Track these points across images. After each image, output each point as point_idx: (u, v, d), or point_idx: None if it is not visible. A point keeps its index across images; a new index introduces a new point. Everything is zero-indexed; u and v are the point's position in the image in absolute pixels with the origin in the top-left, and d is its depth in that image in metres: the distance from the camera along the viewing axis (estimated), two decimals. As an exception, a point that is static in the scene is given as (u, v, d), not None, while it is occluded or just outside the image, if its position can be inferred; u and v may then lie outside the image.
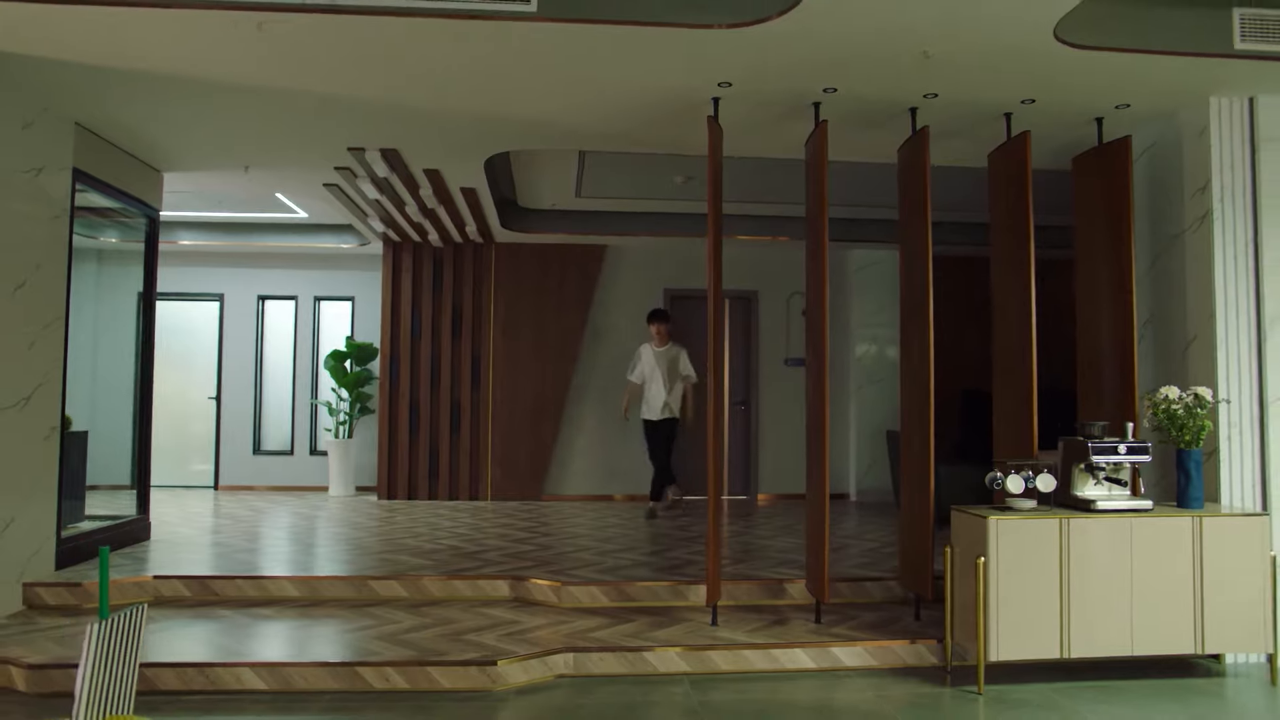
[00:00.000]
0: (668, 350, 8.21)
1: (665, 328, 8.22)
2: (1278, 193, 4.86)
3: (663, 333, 8.20)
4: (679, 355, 8.22)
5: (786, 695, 4.21)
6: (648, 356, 8.23)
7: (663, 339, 8.21)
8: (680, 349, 8.27)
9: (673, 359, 8.20)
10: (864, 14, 3.93)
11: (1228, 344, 4.83)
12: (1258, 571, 4.34)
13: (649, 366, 8.18)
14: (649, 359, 8.21)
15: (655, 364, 8.15)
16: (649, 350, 8.25)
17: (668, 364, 8.15)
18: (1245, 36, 4.29)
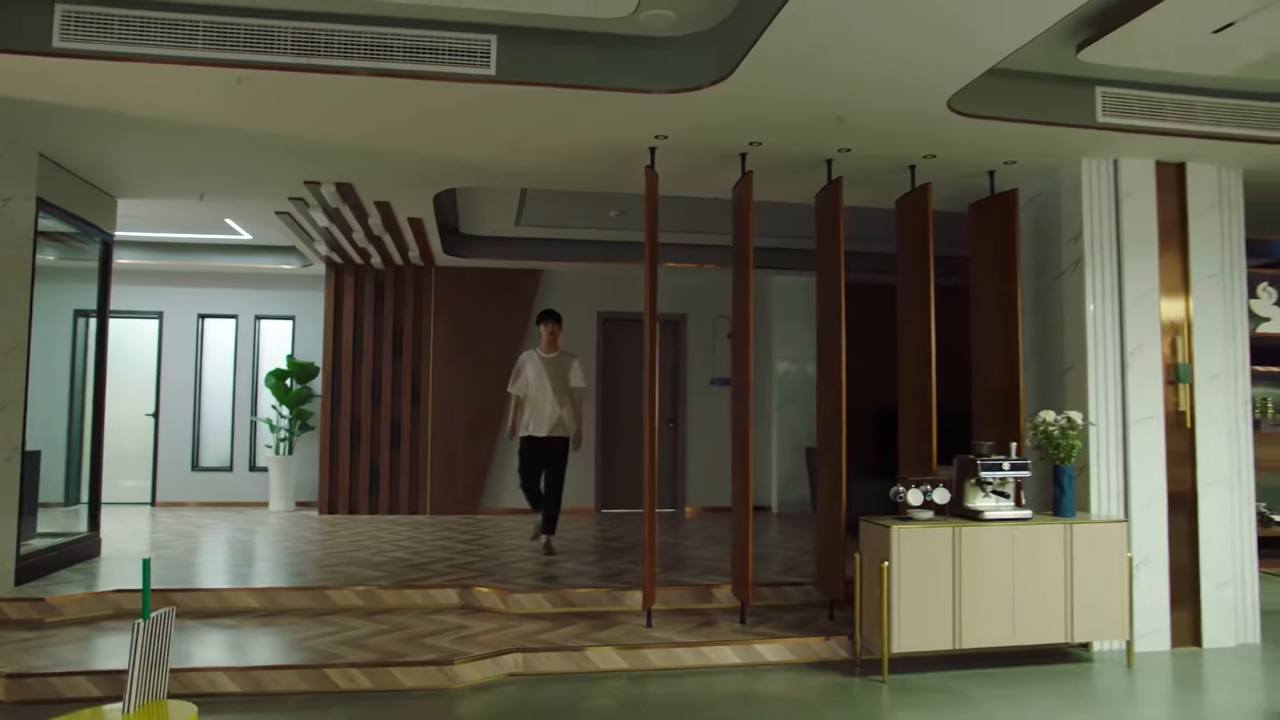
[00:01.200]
0: (558, 358, 7.21)
1: (556, 330, 7.27)
2: (1137, 241, 5.59)
3: (554, 336, 7.24)
4: (570, 363, 7.23)
5: (715, 687, 4.72)
6: (533, 364, 7.17)
7: (552, 344, 7.24)
8: (572, 356, 7.30)
9: (563, 368, 7.18)
10: (785, 88, 4.50)
11: (1097, 372, 5.52)
12: (1118, 570, 5.02)
13: (535, 376, 7.13)
14: (535, 367, 7.15)
15: (543, 373, 7.12)
16: (535, 357, 7.20)
17: (558, 373, 7.15)
18: (1106, 111, 4.98)
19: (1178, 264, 5.68)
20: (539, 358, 7.20)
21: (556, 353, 7.25)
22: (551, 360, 7.20)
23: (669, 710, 4.33)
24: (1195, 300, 5.66)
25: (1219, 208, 5.75)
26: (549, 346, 7.25)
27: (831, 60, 4.21)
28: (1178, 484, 5.55)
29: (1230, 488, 5.62)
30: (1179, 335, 5.62)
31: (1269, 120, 5.20)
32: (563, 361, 7.23)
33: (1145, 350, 5.55)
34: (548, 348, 7.25)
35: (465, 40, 4.39)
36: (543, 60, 4.45)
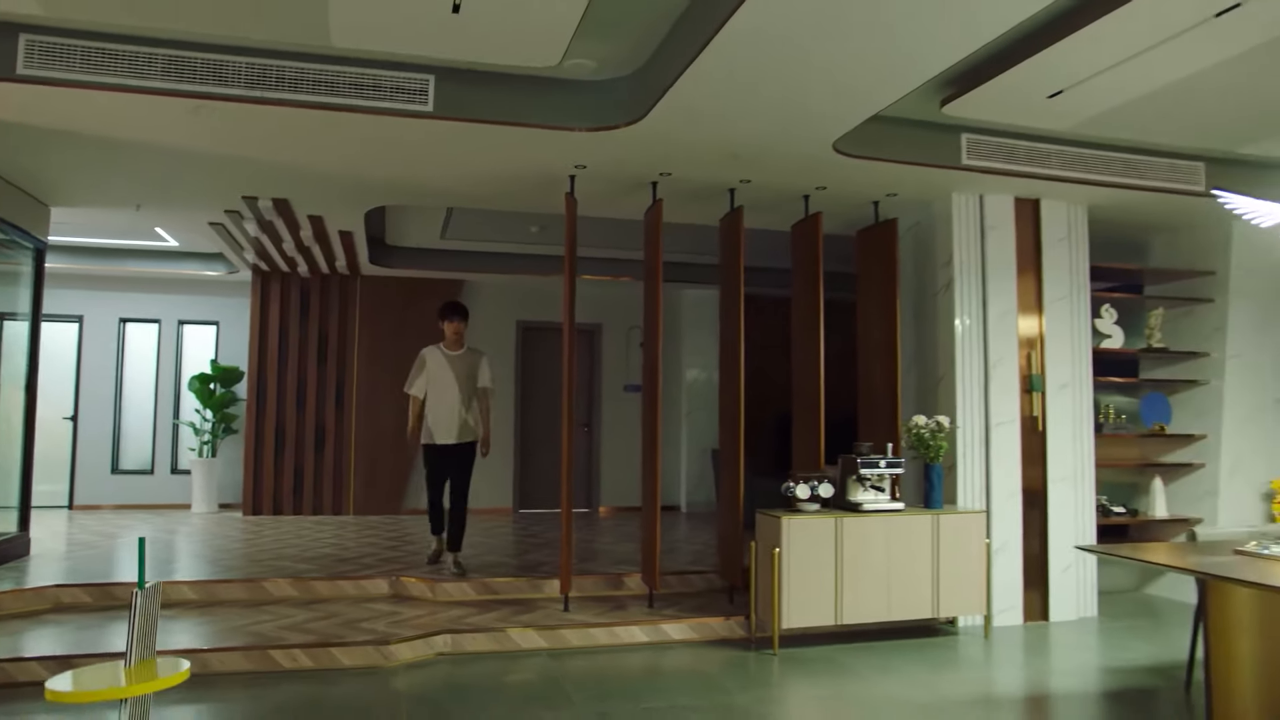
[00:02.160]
0: (464, 355, 6.63)
1: (462, 327, 6.68)
2: (999, 267, 6.37)
3: (459, 333, 6.65)
4: (480, 362, 6.68)
5: (626, 662, 5.28)
6: (437, 363, 6.56)
7: (458, 341, 6.65)
8: (481, 354, 6.74)
9: (471, 366, 6.62)
10: (690, 130, 5.12)
11: (964, 382, 6.28)
12: (979, 555, 5.76)
13: (439, 375, 6.53)
14: (439, 366, 6.55)
15: (449, 371, 6.53)
16: (438, 355, 6.59)
17: (466, 372, 6.58)
18: (970, 155, 5.72)
19: (1033, 287, 6.48)
20: (443, 355, 6.59)
21: (463, 350, 6.66)
22: (459, 358, 6.61)
23: (585, 682, 4.87)
24: (1047, 319, 6.46)
25: (1068, 239, 6.57)
26: (455, 343, 6.64)
27: (731, 109, 4.84)
28: (1031, 480, 6.34)
29: (1075, 484, 6.43)
30: (1033, 349, 6.41)
31: (1105, 167, 6.02)
32: (470, 359, 6.64)
33: (1005, 362, 6.33)
34: (454, 344, 6.64)
35: (406, 79, 4.87)
36: (477, 99, 4.96)
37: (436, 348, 6.68)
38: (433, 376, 6.58)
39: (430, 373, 6.59)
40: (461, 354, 6.67)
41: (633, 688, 4.80)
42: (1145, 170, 6.14)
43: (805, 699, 4.77)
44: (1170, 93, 4.94)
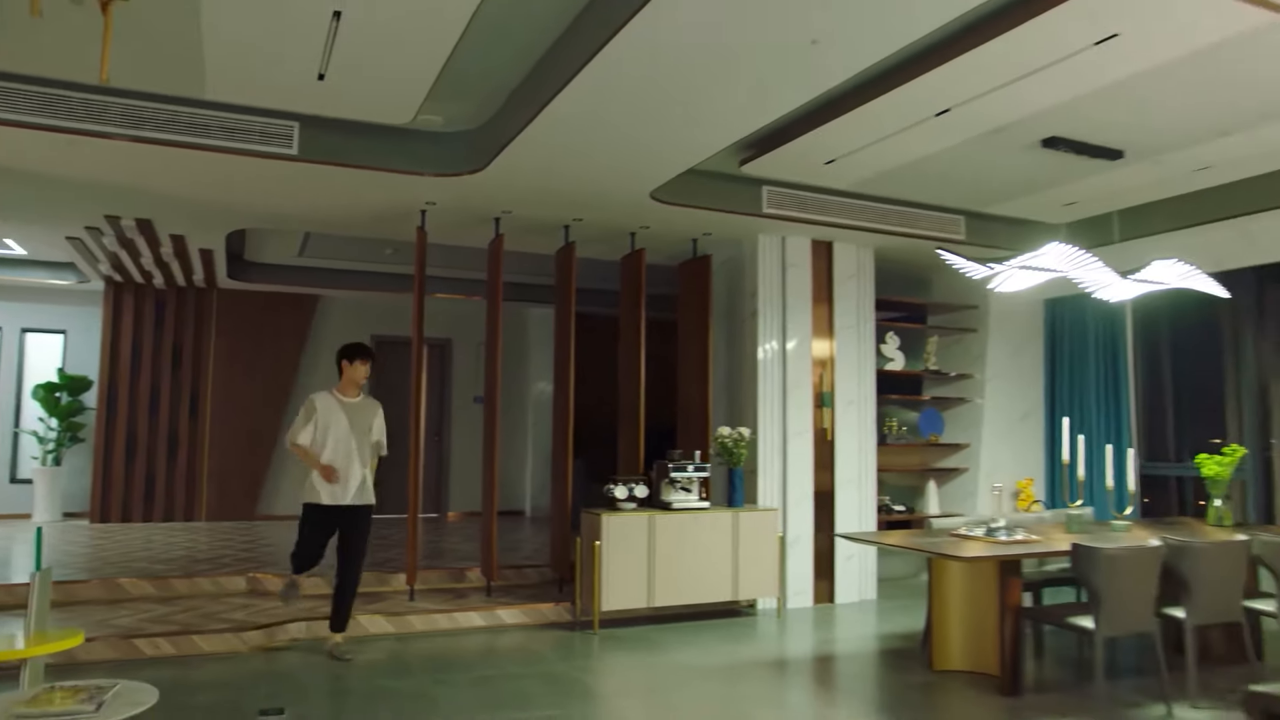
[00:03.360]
0: (362, 404, 5.69)
1: (368, 371, 5.74)
2: (798, 298, 7.41)
3: (363, 379, 5.73)
4: (376, 413, 5.75)
5: (465, 643, 6.00)
6: (331, 411, 5.54)
7: (357, 386, 5.72)
8: (377, 404, 5.80)
9: (368, 417, 5.68)
10: (526, 180, 5.94)
11: (767, 398, 7.28)
12: (773, 547, 6.76)
13: (335, 426, 5.52)
14: (331, 415, 5.53)
15: (344, 422, 5.54)
16: (330, 402, 5.58)
17: (363, 424, 5.63)
18: (770, 205, 6.72)
19: (826, 316, 7.56)
20: (337, 402, 5.59)
21: (359, 398, 5.72)
22: (355, 407, 5.64)
23: (428, 660, 5.55)
24: (838, 344, 7.56)
25: (857, 276, 7.70)
26: (354, 390, 5.70)
27: (559, 166, 5.67)
28: (821, 483, 7.40)
29: (859, 486, 7.55)
30: (825, 370, 7.49)
31: (884, 217, 7.14)
32: (368, 410, 5.70)
33: (801, 382, 7.38)
34: (352, 390, 5.68)
35: (272, 125, 5.46)
36: (338, 145, 5.60)
37: (329, 394, 5.65)
38: (323, 427, 5.51)
39: (320, 422, 5.52)
40: (358, 402, 5.68)
41: (468, 661, 5.54)
42: (917, 221, 7.32)
43: (618, 666, 5.60)
44: (924, 164, 6.05)
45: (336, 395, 5.67)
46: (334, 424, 5.55)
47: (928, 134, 5.33)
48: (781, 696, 5.11)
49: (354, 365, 5.68)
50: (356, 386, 5.73)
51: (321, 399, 5.63)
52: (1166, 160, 5.92)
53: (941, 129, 5.22)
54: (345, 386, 5.69)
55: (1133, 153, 5.80)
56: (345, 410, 5.61)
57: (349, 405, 5.65)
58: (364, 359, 5.71)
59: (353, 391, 5.71)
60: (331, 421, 5.55)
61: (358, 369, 5.69)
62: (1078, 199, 6.92)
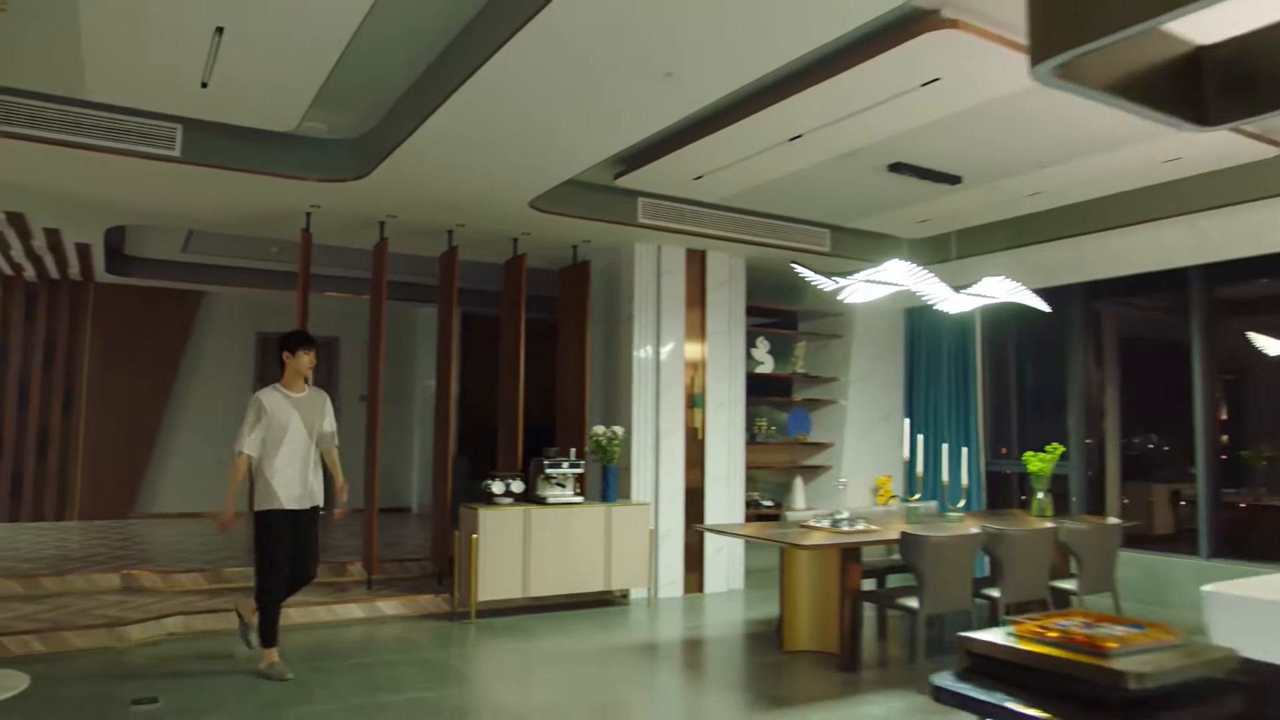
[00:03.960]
0: (310, 398, 5.34)
1: (313, 359, 5.36)
2: (672, 304, 7.81)
3: (310, 368, 5.34)
4: (325, 404, 5.44)
5: (344, 634, 6.19)
6: (278, 409, 5.15)
7: (303, 379, 5.33)
8: (324, 394, 5.51)
9: (317, 410, 5.36)
10: (408, 187, 6.15)
11: (641, 398, 7.66)
12: (644, 539, 7.13)
13: (285, 424, 5.14)
14: (281, 412, 5.15)
15: (295, 418, 5.18)
16: (278, 399, 5.19)
17: (314, 419, 5.31)
18: (645, 215, 7.09)
19: (699, 321, 7.98)
20: (285, 398, 5.21)
21: (306, 391, 5.35)
22: (304, 400, 5.29)
23: (306, 651, 5.72)
24: (709, 348, 7.99)
25: (728, 284, 8.15)
26: (299, 383, 5.31)
27: (441, 174, 5.92)
28: (692, 480, 7.82)
29: (728, 483, 7.99)
30: (697, 373, 7.92)
31: (753, 229, 7.60)
32: (316, 401, 5.37)
33: (673, 383, 7.78)
34: (298, 384, 5.30)
35: (154, 126, 5.53)
36: (222, 149, 5.70)
37: (275, 390, 5.23)
38: (273, 426, 5.12)
39: (270, 422, 5.12)
40: (306, 396, 5.32)
41: (346, 651, 5.74)
42: (785, 233, 7.80)
43: (491, 652, 5.88)
44: (788, 182, 6.49)
45: (283, 391, 5.24)
46: (289, 424, 5.13)
47: (784, 156, 5.77)
48: (646, 677, 5.48)
49: (297, 356, 5.26)
50: (302, 379, 5.31)
51: (269, 397, 5.17)
52: (1001, 186, 6.52)
53: (796, 152, 5.67)
54: (290, 380, 5.27)
55: (970, 178, 6.38)
56: (296, 407, 5.21)
57: (299, 401, 5.24)
58: (306, 348, 5.30)
59: (299, 385, 5.30)
60: (286, 421, 5.13)
61: (301, 360, 5.26)
62: (929, 217, 7.51)
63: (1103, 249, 7.31)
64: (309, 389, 5.37)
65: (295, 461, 5.16)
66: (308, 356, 5.29)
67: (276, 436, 5.11)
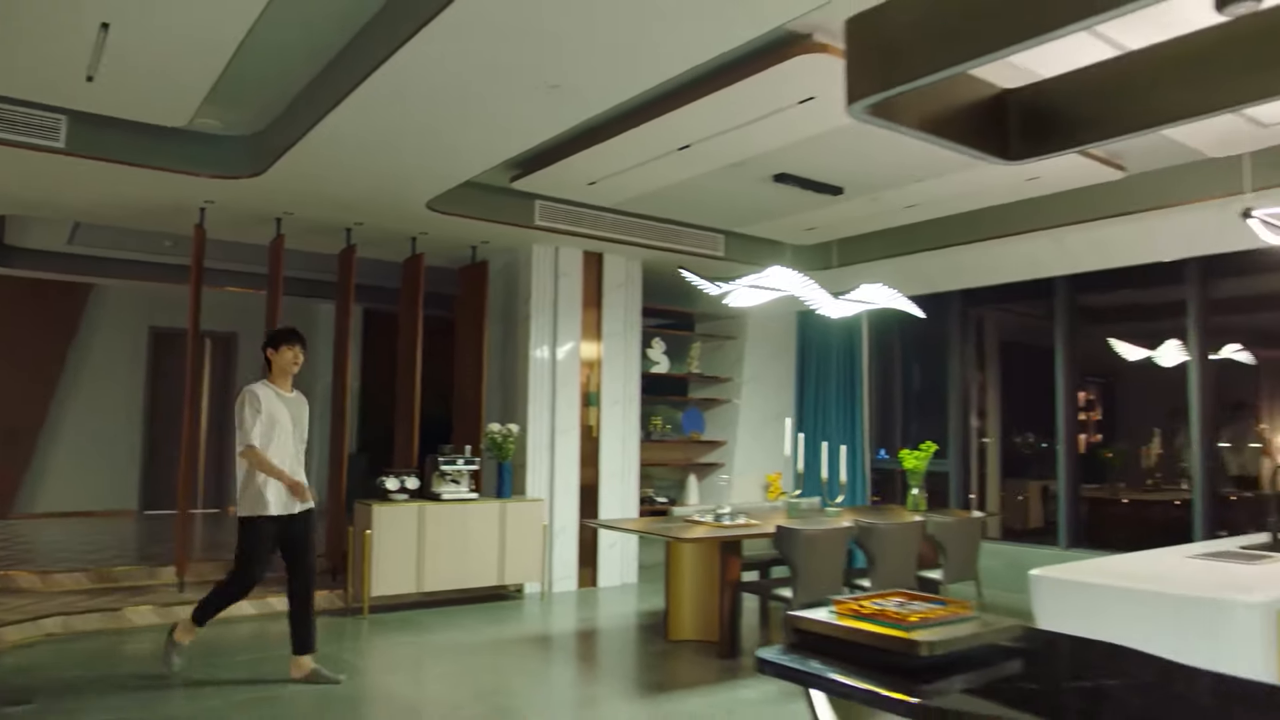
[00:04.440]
0: (296, 399, 5.11)
1: (300, 356, 5.10)
2: (569, 304, 7.98)
3: (296, 365, 5.07)
4: (306, 407, 5.21)
5: (235, 631, 6.18)
6: (273, 405, 4.91)
7: (289, 377, 5.07)
8: (304, 397, 5.23)
9: (303, 412, 5.15)
10: (302, 186, 6.19)
11: (537, 396, 7.81)
12: (538, 535, 7.29)
13: (280, 422, 4.91)
14: (275, 410, 4.91)
15: (286, 418, 4.95)
16: (270, 395, 4.94)
17: (300, 420, 5.09)
18: (542, 218, 7.24)
19: (595, 322, 8.17)
20: (277, 396, 4.97)
21: (294, 392, 5.13)
22: (294, 401, 5.07)
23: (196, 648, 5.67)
24: (605, 348, 8.19)
25: (625, 286, 8.36)
26: (288, 381, 5.07)
27: (336, 174, 5.97)
28: (587, 477, 8.00)
29: (622, 479, 8.21)
30: (593, 372, 8.10)
31: (649, 233, 7.82)
32: (302, 405, 5.16)
33: (569, 382, 7.95)
34: (287, 382, 5.06)
35: (38, 116, 5.45)
36: (110, 141, 5.64)
37: (267, 386, 4.98)
38: (268, 424, 4.87)
39: (269, 417, 4.88)
40: (294, 397, 5.09)
41: (236, 647, 5.75)
42: (680, 238, 8.04)
43: (384, 646, 5.96)
44: (681, 188, 6.71)
45: (274, 388, 4.99)
46: (280, 420, 4.91)
47: (675, 164, 6.00)
48: (536, 667, 5.64)
49: (280, 352, 5.00)
50: (290, 378, 5.08)
51: (263, 391, 4.92)
52: (880, 198, 6.88)
53: (686, 161, 5.91)
54: (278, 376, 5.03)
55: (851, 190, 6.72)
56: (287, 406, 4.99)
57: (290, 400, 5.03)
58: (291, 343, 5.03)
59: (288, 384, 5.06)
60: (279, 419, 4.90)
61: (285, 356, 5.00)
62: (815, 225, 7.85)
63: (977, 259, 7.77)
64: (295, 390, 5.14)
65: (287, 464, 4.91)
66: (291, 352, 5.02)
67: (269, 437, 4.86)
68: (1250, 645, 3.07)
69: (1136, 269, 7.27)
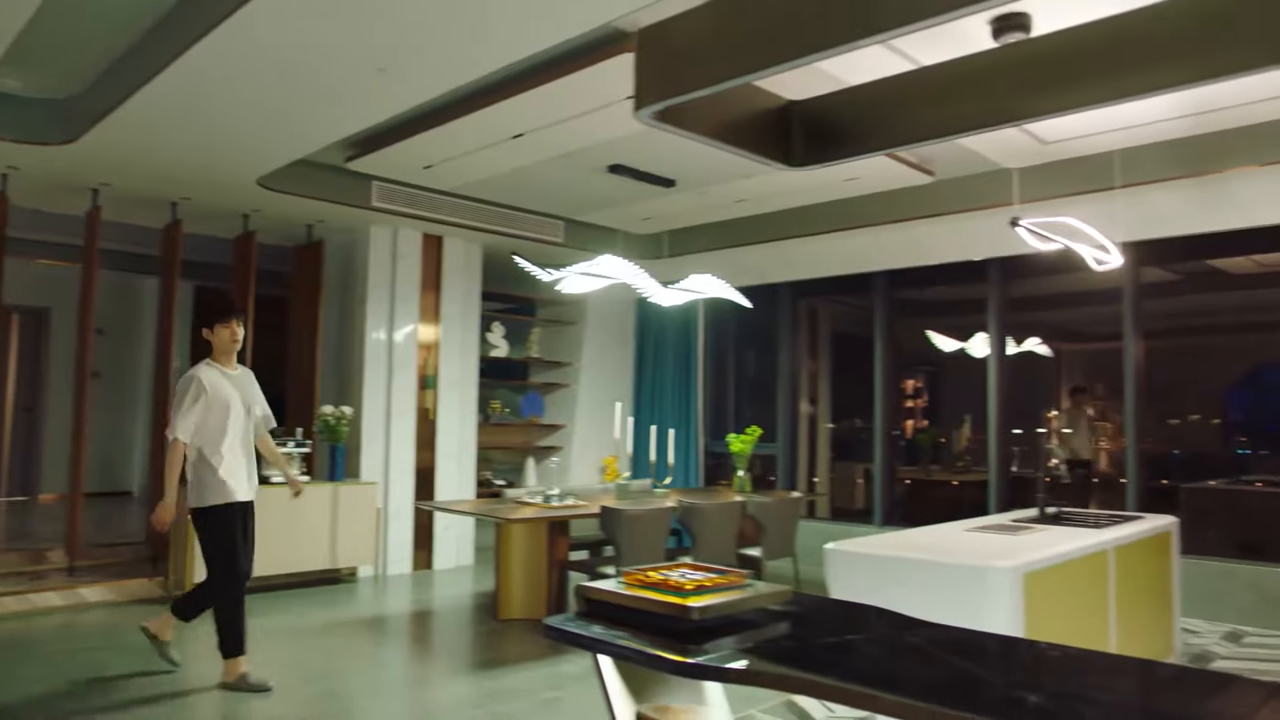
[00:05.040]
0: (242, 376, 4.79)
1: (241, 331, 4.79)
2: (407, 287, 7.93)
3: (237, 341, 4.76)
4: (255, 382, 4.88)
5: (40, 623, 5.90)
6: (220, 388, 4.58)
7: (232, 355, 4.76)
8: (251, 373, 4.91)
9: (252, 389, 4.82)
10: (121, 155, 5.94)
11: (373, 378, 7.74)
12: (372, 518, 7.25)
13: (223, 405, 4.56)
14: (222, 391, 4.58)
15: (235, 398, 4.62)
16: (216, 376, 4.61)
17: (249, 400, 4.75)
18: (379, 199, 7.17)
19: (434, 304, 8.15)
20: (223, 376, 4.64)
21: (239, 369, 4.81)
22: (240, 380, 4.74)
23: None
24: (443, 331, 8.18)
25: (464, 269, 8.37)
26: (232, 358, 4.76)
27: (158, 145, 5.76)
28: (423, 460, 8.00)
29: (459, 462, 8.24)
30: (431, 354, 8.09)
31: (489, 218, 7.86)
32: (249, 381, 4.83)
33: (406, 364, 7.92)
34: (231, 359, 4.74)
35: None
36: (-105, 101, 5.28)
37: (211, 366, 4.65)
38: (215, 407, 4.54)
39: (212, 403, 4.53)
40: (240, 374, 4.78)
41: (41, 640, 5.50)
42: (521, 224, 8.12)
43: (208, 632, 5.81)
44: (519, 175, 6.78)
45: (220, 368, 4.66)
46: (231, 405, 4.57)
47: (511, 152, 6.08)
48: (366, 648, 5.64)
49: (216, 332, 4.66)
50: (234, 355, 4.77)
51: (208, 375, 4.57)
52: (710, 191, 7.16)
53: (521, 149, 5.99)
54: (220, 355, 4.69)
55: (683, 183, 6.97)
56: (235, 386, 4.67)
57: (236, 379, 4.71)
58: (225, 320, 4.70)
59: (232, 362, 4.75)
60: (228, 402, 4.57)
61: (221, 335, 4.66)
62: (651, 216, 8.08)
63: (804, 253, 8.18)
64: (240, 367, 4.83)
65: (239, 447, 4.63)
66: (227, 330, 4.68)
67: (219, 420, 4.54)
68: (1003, 604, 3.45)
69: (949, 267, 7.84)
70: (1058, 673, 2.09)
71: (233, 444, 4.56)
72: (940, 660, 2.07)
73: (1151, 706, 1.86)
